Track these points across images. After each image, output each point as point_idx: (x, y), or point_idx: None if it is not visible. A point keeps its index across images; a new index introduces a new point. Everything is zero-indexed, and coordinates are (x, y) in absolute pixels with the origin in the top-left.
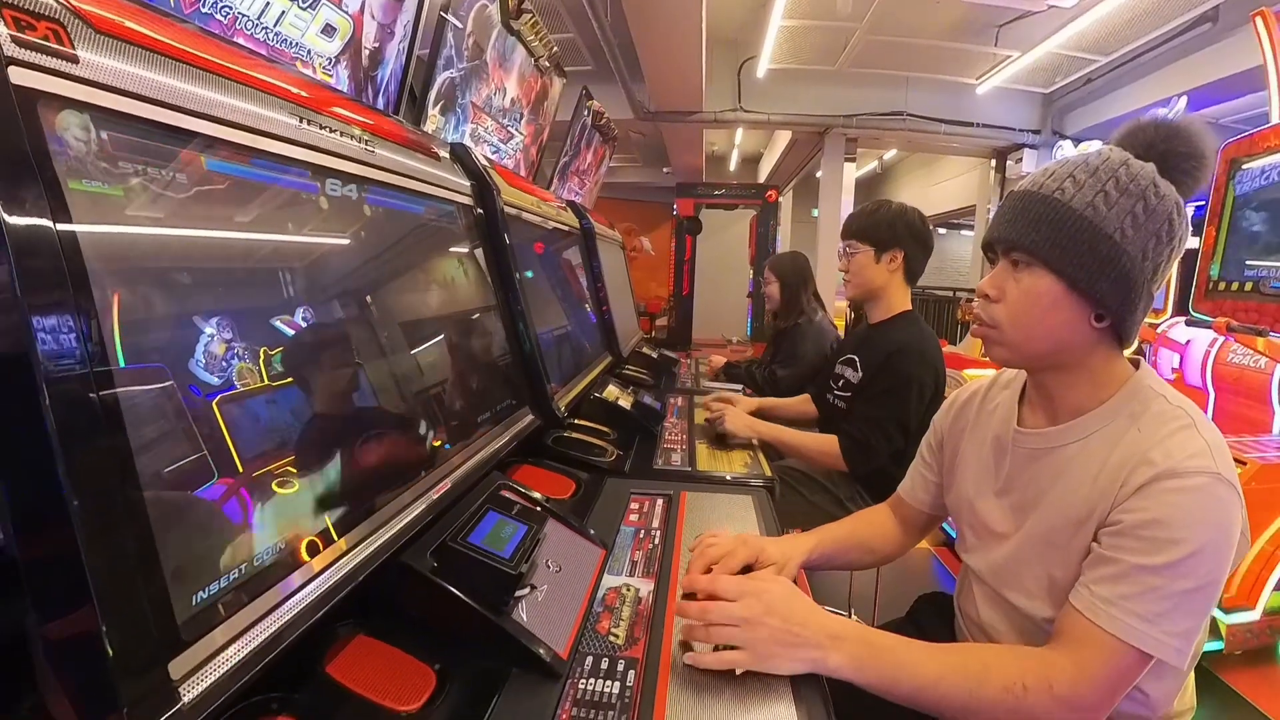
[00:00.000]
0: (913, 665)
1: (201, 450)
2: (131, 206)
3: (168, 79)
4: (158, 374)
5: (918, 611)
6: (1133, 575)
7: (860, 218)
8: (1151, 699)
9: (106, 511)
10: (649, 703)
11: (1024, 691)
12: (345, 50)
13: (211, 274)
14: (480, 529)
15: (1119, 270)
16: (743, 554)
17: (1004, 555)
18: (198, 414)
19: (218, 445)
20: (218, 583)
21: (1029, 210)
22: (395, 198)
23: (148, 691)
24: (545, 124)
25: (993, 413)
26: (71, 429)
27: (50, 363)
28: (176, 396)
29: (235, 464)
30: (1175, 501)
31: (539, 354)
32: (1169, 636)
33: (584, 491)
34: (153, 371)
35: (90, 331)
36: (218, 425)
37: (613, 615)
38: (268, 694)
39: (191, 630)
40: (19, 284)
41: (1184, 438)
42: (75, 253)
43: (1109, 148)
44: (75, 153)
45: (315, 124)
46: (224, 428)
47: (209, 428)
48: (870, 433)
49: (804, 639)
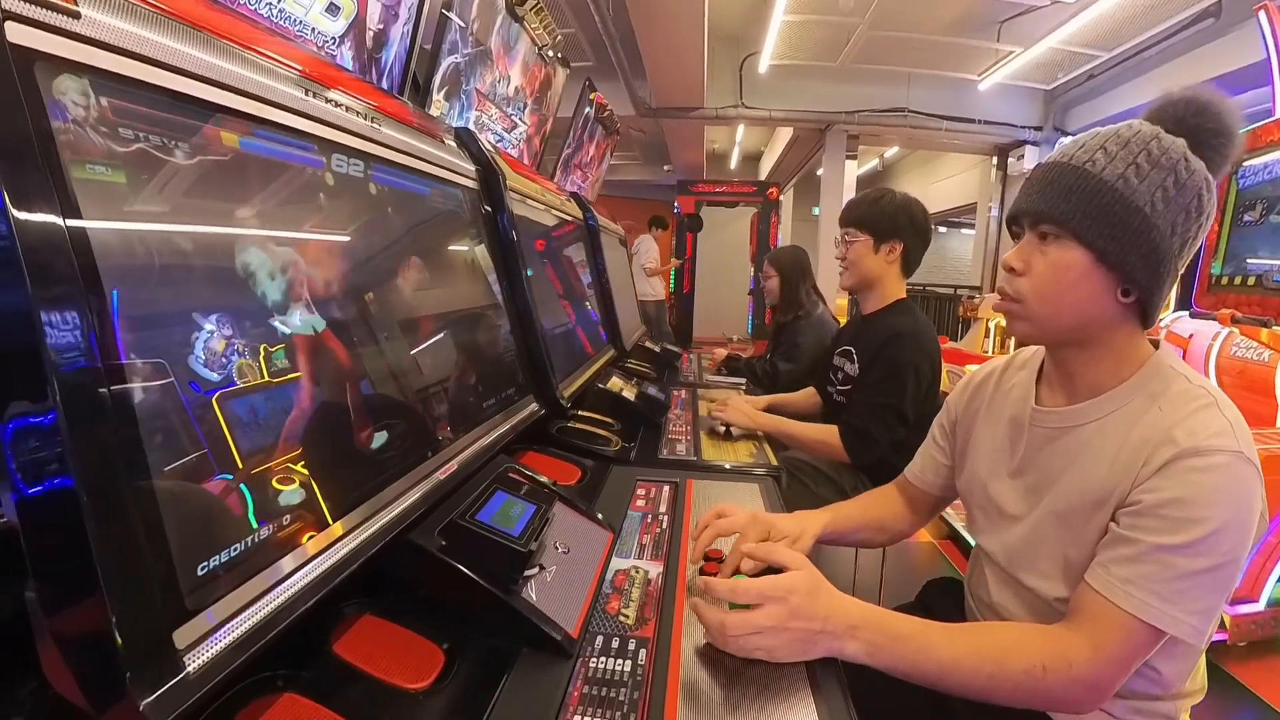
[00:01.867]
0: (930, 650)
1: (208, 427)
2: (131, 176)
3: (172, 42)
4: (157, 365)
5: (927, 596)
6: (1152, 554)
7: (861, 206)
8: (1164, 677)
9: (109, 486)
10: (661, 680)
11: (1043, 673)
12: (349, 31)
13: (213, 249)
14: (489, 508)
15: (1149, 244)
16: (754, 533)
17: (1017, 537)
18: (201, 401)
19: (222, 428)
20: (221, 555)
21: (1059, 181)
22: (402, 177)
23: (151, 657)
24: (549, 115)
25: (1009, 393)
26: (74, 401)
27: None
28: (175, 392)
29: (237, 447)
30: (1197, 480)
31: (543, 342)
32: (1187, 615)
33: (590, 479)
34: (150, 347)
35: (86, 308)
36: (217, 414)
37: (622, 596)
38: (274, 670)
39: (196, 600)
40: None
41: (1206, 416)
42: (81, 236)
43: (1139, 121)
44: (75, 119)
45: (322, 97)
46: (223, 419)
47: (212, 413)
48: (870, 421)
49: (824, 632)
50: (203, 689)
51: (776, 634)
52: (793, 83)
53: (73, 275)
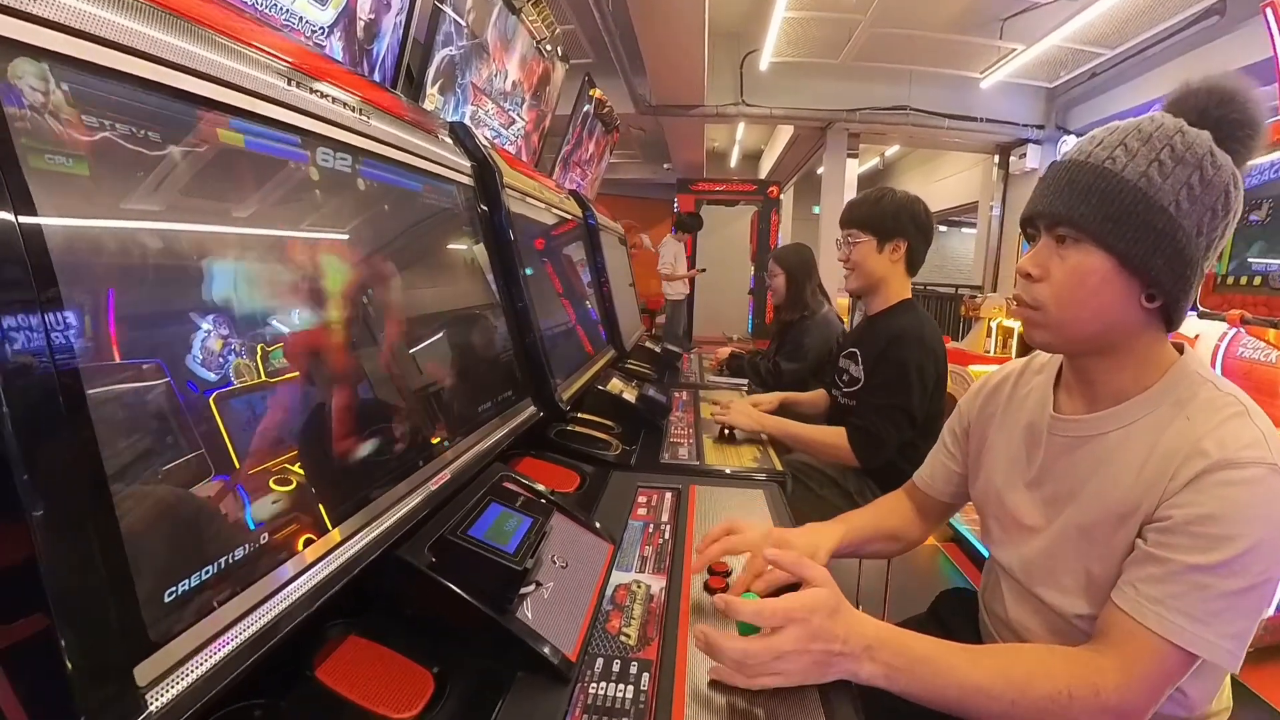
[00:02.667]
0: (949, 673)
1: (183, 437)
2: (96, 170)
3: (141, 26)
4: (147, 367)
5: (940, 608)
6: (1184, 574)
7: (863, 206)
8: (1191, 699)
9: (62, 505)
10: (665, 708)
11: (1069, 700)
12: (339, 20)
13: (195, 247)
14: (482, 522)
15: (1174, 246)
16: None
17: (1036, 550)
18: (192, 404)
19: (206, 432)
20: (191, 579)
21: (1077, 181)
22: (392, 172)
23: (108, 697)
24: (548, 111)
25: (1025, 399)
26: (30, 419)
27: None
28: (172, 393)
29: (226, 455)
30: (1230, 495)
31: (540, 343)
32: (1221, 639)
33: (589, 485)
34: (138, 351)
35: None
36: (212, 415)
37: (623, 614)
38: (251, 699)
39: (161, 630)
40: None
41: (1237, 426)
42: (38, 235)
43: (1161, 113)
44: (32, 109)
45: (306, 88)
46: (219, 419)
47: (199, 418)
48: (878, 423)
49: (842, 654)
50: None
51: (796, 658)
52: (794, 80)
53: (24, 274)
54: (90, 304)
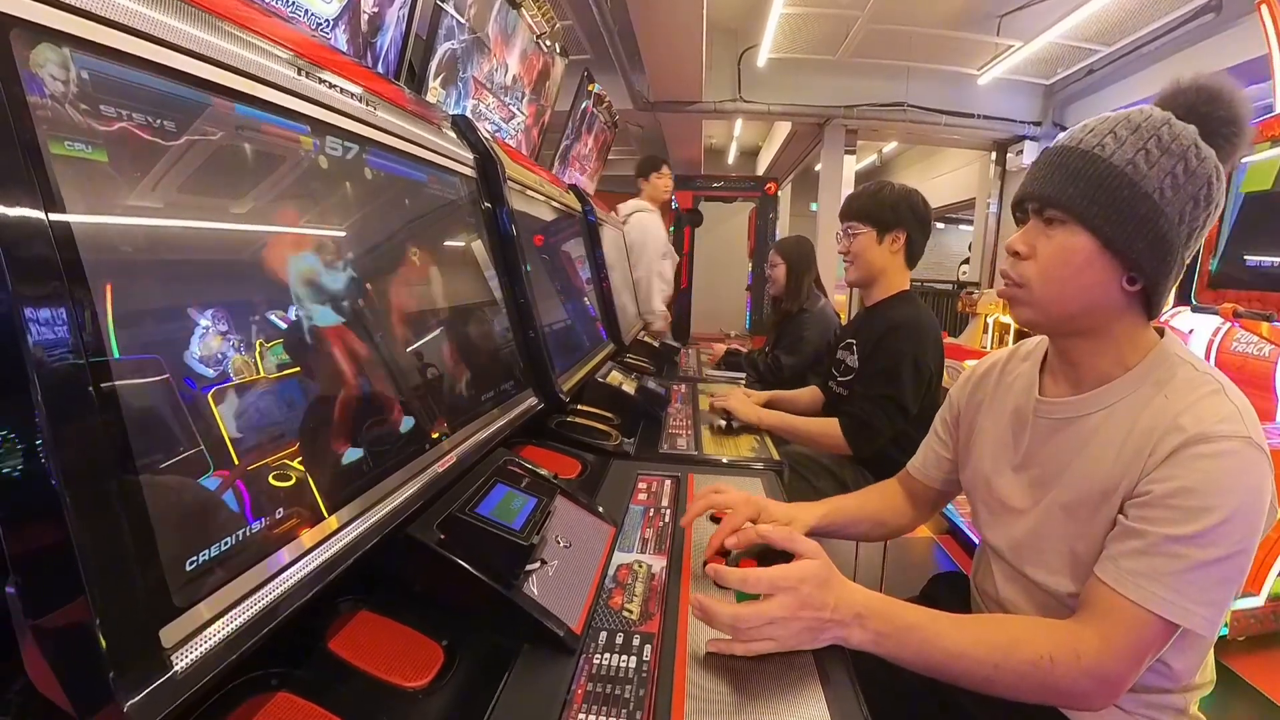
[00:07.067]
0: (936, 639)
1: (200, 422)
2: (114, 157)
3: (156, 13)
4: (145, 361)
5: (932, 590)
6: (1162, 546)
7: (862, 198)
8: (1175, 670)
9: (92, 480)
10: (668, 677)
11: (1050, 664)
12: (344, 13)
13: (202, 235)
14: (489, 501)
15: (1156, 231)
16: (746, 512)
17: (1023, 531)
18: (193, 396)
19: (216, 422)
20: (212, 550)
21: (1066, 165)
22: (398, 162)
23: (136, 657)
24: (547, 105)
25: (1012, 384)
26: (55, 394)
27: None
28: (167, 387)
29: (231, 441)
30: (1206, 468)
31: (541, 335)
32: (1198, 605)
33: (590, 473)
34: (138, 341)
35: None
36: (211, 409)
37: (626, 591)
38: (267, 668)
39: (184, 596)
40: None
41: (1213, 402)
42: (64, 229)
43: (1150, 106)
44: (54, 96)
45: (315, 77)
46: (217, 413)
47: (204, 408)
48: (871, 411)
49: (831, 620)
50: (191, 689)
51: (786, 624)
52: (791, 76)
53: (53, 266)
54: (125, 295)
